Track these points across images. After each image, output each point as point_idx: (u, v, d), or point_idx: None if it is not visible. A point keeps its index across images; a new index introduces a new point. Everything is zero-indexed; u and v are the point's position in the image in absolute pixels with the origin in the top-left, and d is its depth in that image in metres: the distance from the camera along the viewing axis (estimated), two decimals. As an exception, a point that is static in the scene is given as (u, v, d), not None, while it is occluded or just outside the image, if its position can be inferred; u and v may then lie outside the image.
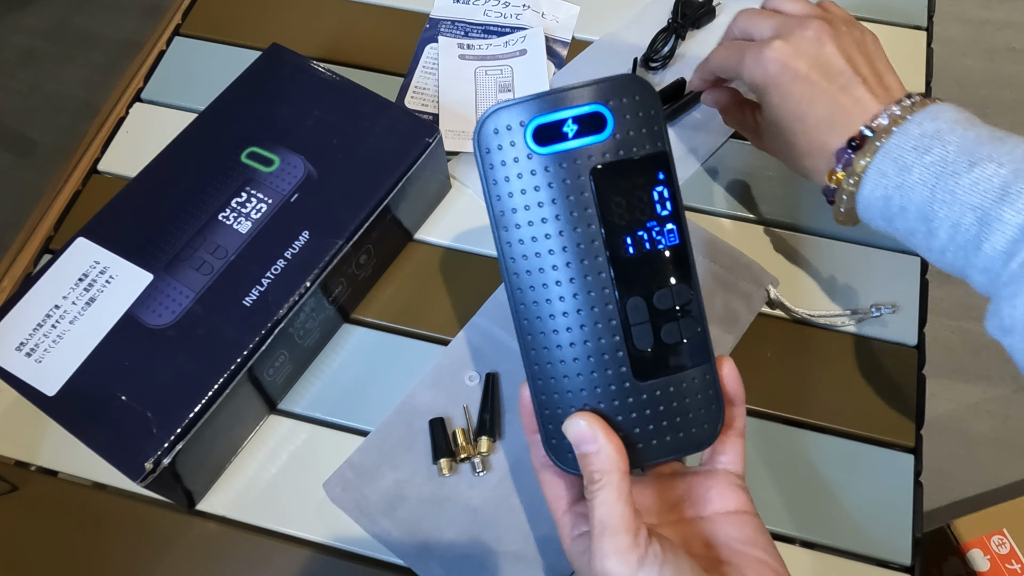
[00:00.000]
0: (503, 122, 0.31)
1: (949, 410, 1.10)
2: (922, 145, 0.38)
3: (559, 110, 0.31)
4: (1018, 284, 0.34)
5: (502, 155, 0.32)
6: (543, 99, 0.31)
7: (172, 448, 0.39)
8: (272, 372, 0.45)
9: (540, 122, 0.31)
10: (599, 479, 0.31)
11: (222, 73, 0.52)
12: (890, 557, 0.43)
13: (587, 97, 0.31)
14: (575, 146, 0.31)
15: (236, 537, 0.45)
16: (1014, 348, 0.35)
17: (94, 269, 0.44)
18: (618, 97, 0.32)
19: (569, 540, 0.34)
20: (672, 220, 0.32)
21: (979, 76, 1.38)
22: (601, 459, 0.31)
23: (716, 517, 0.34)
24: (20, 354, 0.42)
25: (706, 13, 0.60)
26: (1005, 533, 0.78)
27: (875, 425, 0.46)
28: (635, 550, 0.29)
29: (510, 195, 0.32)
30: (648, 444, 0.33)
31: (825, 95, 0.41)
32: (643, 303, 0.32)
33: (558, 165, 0.31)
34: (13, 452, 0.47)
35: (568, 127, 0.31)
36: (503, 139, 0.32)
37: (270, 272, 0.44)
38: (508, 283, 0.33)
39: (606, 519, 0.30)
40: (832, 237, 0.52)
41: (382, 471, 0.45)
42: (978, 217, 0.36)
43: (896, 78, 0.43)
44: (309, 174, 0.47)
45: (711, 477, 0.35)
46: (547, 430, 0.34)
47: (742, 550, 0.32)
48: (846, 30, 0.43)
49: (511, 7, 0.63)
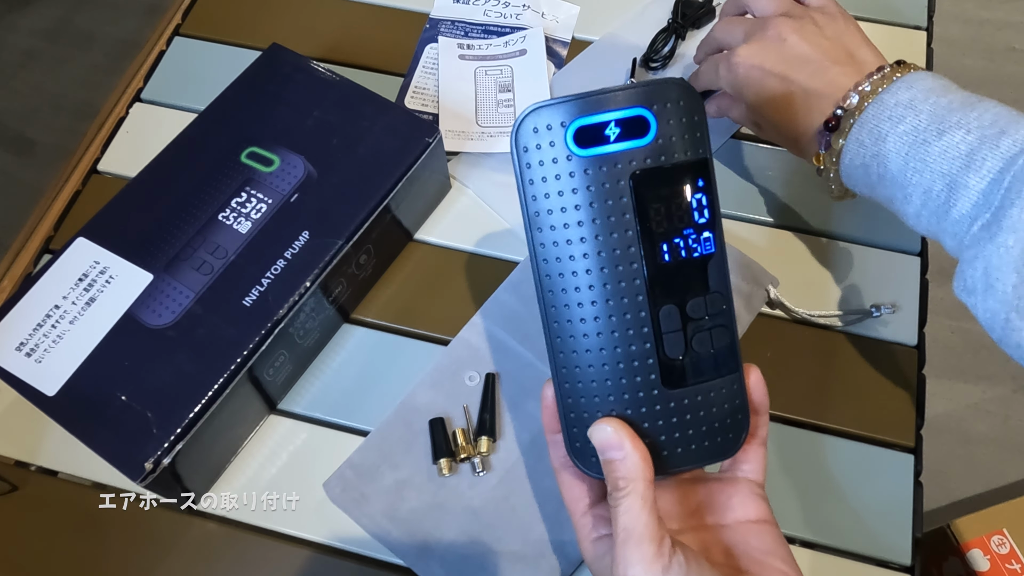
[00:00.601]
0: (543, 121, 0.31)
1: (949, 410, 1.10)
2: (896, 115, 0.40)
3: (602, 112, 0.30)
4: (978, 247, 0.36)
5: (540, 155, 0.31)
6: (586, 100, 0.31)
7: (172, 448, 0.39)
8: (272, 372, 0.45)
9: (582, 123, 0.31)
10: (624, 487, 0.30)
11: (222, 73, 0.52)
12: (890, 557, 0.43)
13: (631, 100, 0.31)
14: (616, 149, 0.31)
15: (236, 537, 0.45)
16: (976, 307, 0.37)
17: (94, 269, 0.44)
18: (662, 101, 0.31)
19: (588, 542, 0.34)
20: (709, 228, 0.32)
21: (979, 76, 1.38)
22: (627, 466, 0.31)
23: (737, 526, 0.34)
24: (20, 354, 0.42)
25: (706, 13, 0.60)
26: (1005, 533, 0.78)
27: (875, 425, 0.46)
28: (659, 559, 0.29)
29: (546, 196, 0.31)
30: (673, 452, 0.33)
31: (796, 85, 0.44)
32: (676, 311, 0.32)
33: (598, 168, 0.31)
34: (13, 452, 0.47)
35: (610, 130, 0.31)
36: (542, 139, 0.31)
37: (270, 272, 0.44)
38: (539, 284, 0.33)
39: (631, 527, 0.30)
40: (832, 237, 0.52)
41: (382, 471, 0.45)
42: (947, 184, 0.37)
43: (870, 50, 0.44)
44: (309, 174, 0.47)
45: (732, 485, 0.35)
46: (571, 433, 0.34)
47: (762, 560, 0.32)
48: (810, 19, 0.45)
49: (511, 7, 0.63)
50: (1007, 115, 0.37)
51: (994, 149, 0.36)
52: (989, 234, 0.35)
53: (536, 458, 0.45)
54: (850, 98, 0.41)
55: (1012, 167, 0.35)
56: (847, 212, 0.53)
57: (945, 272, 0.40)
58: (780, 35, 0.45)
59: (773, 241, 0.53)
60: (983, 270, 0.35)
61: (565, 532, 0.43)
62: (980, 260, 0.35)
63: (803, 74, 0.44)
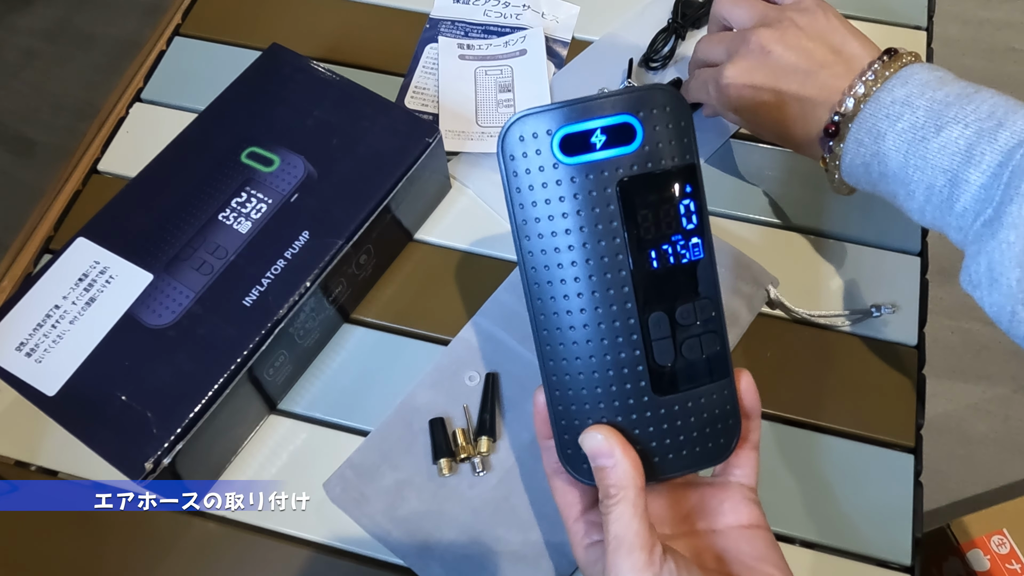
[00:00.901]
0: (529, 129, 0.31)
1: (949, 410, 1.10)
2: (893, 112, 0.40)
3: (588, 120, 0.30)
4: (982, 242, 0.36)
5: (527, 163, 0.31)
6: (572, 108, 0.31)
7: (172, 448, 0.39)
8: (272, 372, 0.45)
9: (568, 131, 0.31)
10: (615, 494, 0.30)
11: (222, 73, 0.52)
12: (890, 557, 0.43)
13: (617, 107, 0.31)
14: (603, 157, 0.31)
15: (236, 537, 0.45)
16: (982, 301, 0.37)
17: (94, 269, 0.44)
18: (648, 108, 0.31)
19: (581, 548, 0.34)
20: (697, 234, 0.32)
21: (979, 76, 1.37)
22: (617, 474, 0.31)
23: (729, 531, 0.34)
24: (20, 354, 0.42)
25: (706, 13, 0.60)
26: (1005, 533, 0.78)
27: (875, 425, 0.46)
28: (650, 568, 0.29)
29: (533, 204, 0.31)
30: (664, 458, 0.33)
31: (789, 96, 0.44)
32: (665, 318, 0.32)
33: (584, 176, 0.31)
34: (13, 452, 0.47)
35: (596, 137, 0.31)
36: (528, 147, 0.31)
37: (270, 272, 0.44)
38: (528, 291, 0.32)
39: (621, 535, 0.30)
40: (832, 237, 0.52)
41: (382, 471, 0.45)
42: (949, 179, 0.37)
43: (857, 42, 0.43)
44: (309, 174, 0.47)
45: (724, 490, 0.35)
46: (562, 440, 0.34)
47: (753, 565, 0.32)
48: (789, 21, 0.44)
49: (511, 7, 0.63)
50: (1004, 105, 0.37)
51: (992, 143, 0.36)
52: (991, 230, 0.35)
53: (536, 458, 0.45)
54: (845, 102, 0.41)
55: (1011, 161, 0.35)
56: (847, 212, 0.53)
57: (945, 272, 0.40)
58: (763, 47, 0.44)
59: (773, 241, 0.53)
60: (987, 265, 0.35)
61: (565, 532, 0.43)
62: (983, 256, 0.36)
63: (794, 84, 0.43)
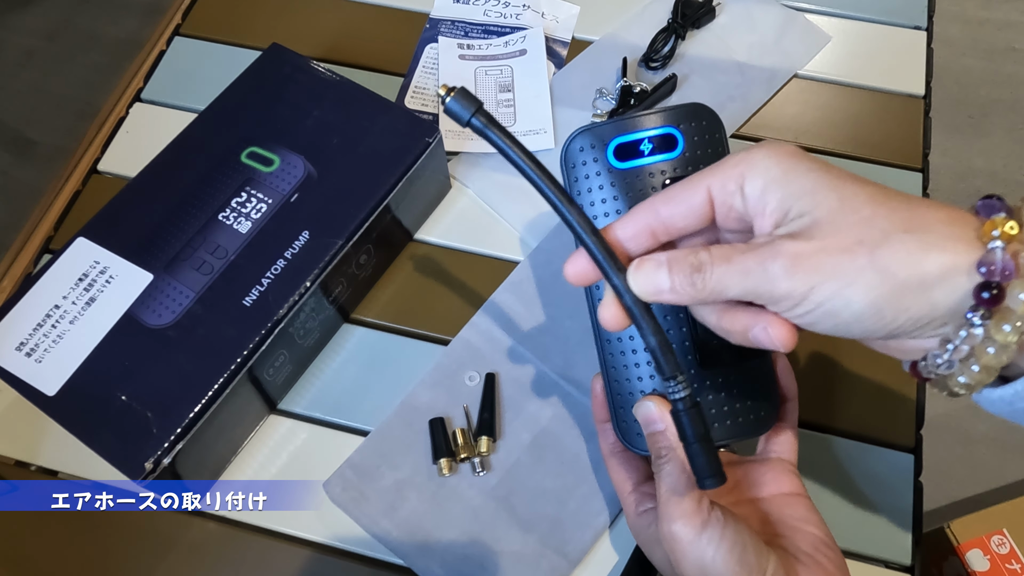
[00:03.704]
0: (588, 142, 0.37)
1: (949, 410, 1.10)
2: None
3: (637, 131, 0.36)
4: None
5: (587, 169, 0.37)
6: (623, 122, 0.37)
7: (172, 448, 0.39)
8: (272, 372, 0.45)
9: (620, 141, 0.36)
10: (665, 454, 0.34)
11: (222, 73, 0.52)
12: (890, 557, 0.43)
13: (661, 121, 0.37)
14: (651, 162, 0.36)
15: (236, 537, 0.45)
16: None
17: (94, 269, 0.44)
18: (688, 121, 0.37)
19: (635, 516, 0.38)
20: None
21: (979, 76, 1.38)
22: (667, 436, 0.34)
23: (771, 498, 0.37)
24: (20, 354, 0.42)
25: (706, 13, 0.60)
26: (1005, 533, 0.78)
27: (875, 425, 0.46)
28: (699, 514, 0.32)
29: (591, 204, 0.37)
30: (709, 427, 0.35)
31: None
32: None
33: (635, 177, 0.36)
34: (13, 452, 0.47)
35: (644, 146, 0.36)
36: (587, 156, 0.37)
37: (270, 272, 0.44)
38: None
39: (672, 487, 0.33)
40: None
41: (382, 471, 0.45)
42: None
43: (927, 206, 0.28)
44: (309, 174, 0.47)
45: (766, 464, 0.38)
46: (618, 414, 0.38)
47: (796, 526, 0.36)
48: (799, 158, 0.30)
49: (511, 7, 0.63)
50: None
51: None
52: None
53: (536, 458, 0.45)
54: (986, 266, 0.26)
55: None
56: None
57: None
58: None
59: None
60: None
61: (565, 532, 0.43)
62: None
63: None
